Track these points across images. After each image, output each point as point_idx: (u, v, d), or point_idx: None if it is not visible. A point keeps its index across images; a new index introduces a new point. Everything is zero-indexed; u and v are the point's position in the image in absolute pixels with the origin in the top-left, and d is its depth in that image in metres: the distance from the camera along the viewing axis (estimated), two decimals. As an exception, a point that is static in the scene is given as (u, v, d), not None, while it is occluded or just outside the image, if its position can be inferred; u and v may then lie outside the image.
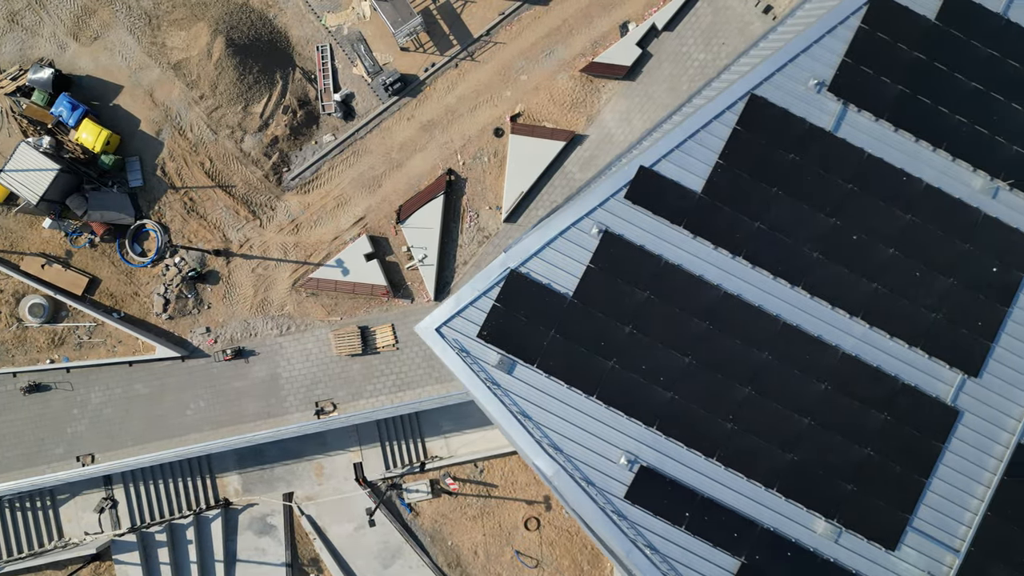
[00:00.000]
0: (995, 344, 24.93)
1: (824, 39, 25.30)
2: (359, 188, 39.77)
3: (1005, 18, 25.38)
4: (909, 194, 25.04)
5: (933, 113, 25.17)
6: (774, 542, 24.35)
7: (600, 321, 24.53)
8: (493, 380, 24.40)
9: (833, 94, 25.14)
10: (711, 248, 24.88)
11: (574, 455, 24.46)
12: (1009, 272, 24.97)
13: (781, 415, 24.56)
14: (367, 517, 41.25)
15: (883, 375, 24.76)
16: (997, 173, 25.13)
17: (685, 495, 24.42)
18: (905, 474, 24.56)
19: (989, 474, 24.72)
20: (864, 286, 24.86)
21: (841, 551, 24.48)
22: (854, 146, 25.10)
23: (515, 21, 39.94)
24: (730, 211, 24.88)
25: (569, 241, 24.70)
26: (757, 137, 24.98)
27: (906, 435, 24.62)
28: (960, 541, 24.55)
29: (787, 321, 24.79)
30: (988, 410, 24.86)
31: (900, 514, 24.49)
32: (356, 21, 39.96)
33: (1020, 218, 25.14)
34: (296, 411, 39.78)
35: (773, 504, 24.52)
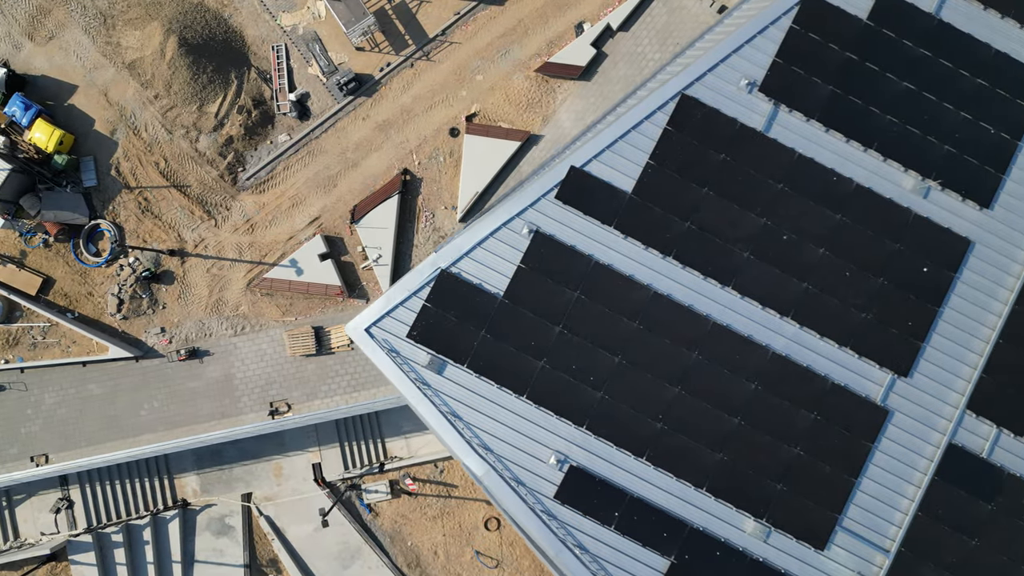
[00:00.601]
0: (926, 344, 25.00)
1: (755, 39, 25.36)
2: (314, 188, 39.75)
3: (937, 18, 25.46)
4: (840, 194, 25.11)
5: (864, 113, 25.23)
6: (703, 542, 24.39)
7: (530, 321, 24.55)
8: (423, 380, 24.40)
9: (764, 94, 25.19)
10: (641, 248, 24.92)
11: (504, 455, 24.47)
12: (940, 272, 25.04)
13: (711, 415, 24.61)
14: (323, 517, 41.39)
15: (813, 375, 24.82)
16: (928, 173, 25.21)
17: (615, 495, 24.45)
18: (834, 474, 24.63)
19: (920, 474, 24.79)
20: (794, 286, 24.92)
21: (770, 550, 24.53)
22: (785, 146, 25.16)
23: (471, 21, 39.97)
24: (660, 211, 24.91)
25: (500, 241, 24.71)
26: (688, 137, 25.03)
27: (836, 435, 24.68)
28: (890, 541, 24.62)
29: (717, 321, 24.84)
30: (918, 410, 24.93)
31: (829, 514, 24.56)
32: (311, 21, 39.94)
33: (951, 217, 25.23)
34: (250, 411, 39.74)
35: (702, 504, 24.56)
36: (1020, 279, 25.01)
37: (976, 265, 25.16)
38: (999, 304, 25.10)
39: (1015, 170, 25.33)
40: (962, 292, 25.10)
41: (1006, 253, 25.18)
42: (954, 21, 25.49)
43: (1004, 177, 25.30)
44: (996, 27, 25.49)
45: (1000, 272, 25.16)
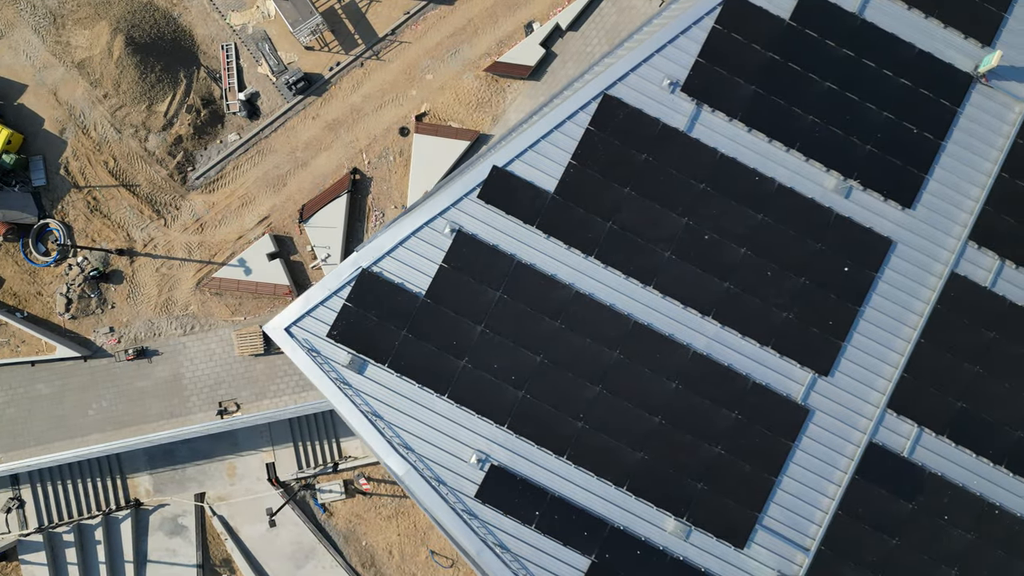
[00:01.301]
0: (847, 343, 25.09)
1: (678, 39, 25.40)
2: (264, 187, 39.72)
3: (861, 18, 25.52)
4: (762, 194, 25.18)
5: (787, 113, 25.30)
6: (624, 540, 24.45)
7: (452, 320, 24.57)
8: (344, 380, 24.41)
9: (687, 94, 25.24)
10: (564, 248, 24.95)
11: (425, 454, 24.49)
12: (861, 271, 25.13)
13: (632, 414, 24.67)
14: (279, 517, 41.34)
15: (734, 374, 24.90)
16: (850, 173, 25.30)
17: (536, 494, 24.49)
18: (755, 473, 24.71)
19: (840, 473, 24.88)
20: (716, 286, 24.99)
21: (691, 549, 24.60)
22: (707, 146, 25.22)
23: (420, 20, 39.99)
24: (583, 211, 24.96)
25: (422, 240, 24.73)
26: (610, 137, 25.07)
27: (756, 434, 24.76)
28: (811, 540, 24.71)
29: (638, 320, 24.90)
30: (839, 409, 25.02)
31: (750, 512, 24.64)
32: (261, 20, 39.91)
33: (872, 217, 25.32)
34: (199, 411, 39.69)
35: (623, 503, 24.61)
36: (942, 279, 25.11)
37: (898, 265, 25.25)
38: (921, 304, 25.20)
39: (938, 170, 25.43)
40: (883, 292, 25.19)
41: (928, 252, 25.28)
42: (878, 21, 25.57)
43: (926, 177, 25.39)
44: (920, 27, 25.58)
45: (922, 272, 25.26)
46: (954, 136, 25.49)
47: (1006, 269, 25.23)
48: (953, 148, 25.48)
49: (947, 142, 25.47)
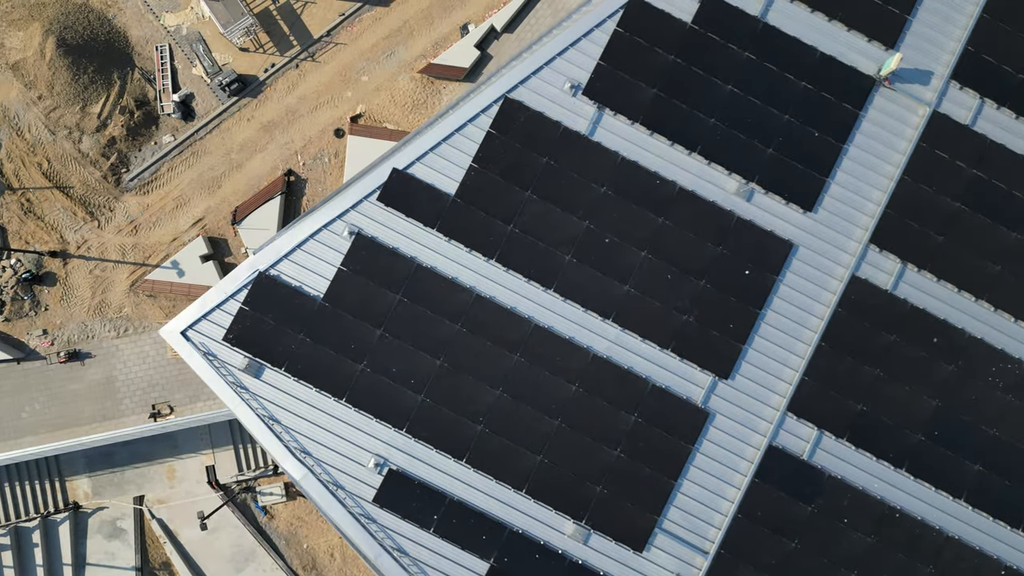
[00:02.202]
0: (747, 346, 25.04)
1: (580, 42, 25.31)
2: (198, 189, 39.49)
3: (763, 21, 25.45)
4: (663, 197, 25.11)
5: (688, 117, 25.24)
6: (523, 544, 24.35)
7: (351, 324, 24.44)
8: (240, 384, 24.26)
9: (588, 97, 25.15)
10: (465, 251, 24.84)
11: (323, 458, 24.36)
12: (762, 275, 25.10)
13: (531, 417, 24.58)
14: (219, 520, 41.13)
15: (634, 377, 24.83)
16: (752, 176, 25.26)
17: (434, 498, 24.38)
18: (654, 476, 24.65)
19: (740, 476, 24.84)
20: (616, 289, 24.92)
21: (590, 553, 24.52)
22: (609, 150, 25.13)
23: (356, 22, 39.81)
24: (484, 214, 24.85)
25: (320, 243, 24.59)
26: (511, 140, 24.97)
27: (656, 437, 24.71)
28: (710, 543, 24.65)
29: (539, 323, 24.80)
30: (740, 412, 24.97)
31: (649, 516, 24.58)
32: (195, 21, 39.69)
33: (774, 221, 25.28)
34: (132, 414, 39.44)
35: (522, 506, 24.51)
36: (843, 282, 25.11)
37: (799, 268, 25.22)
38: (821, 307, 25.18)
39: (839, 173, 25.41)
40: (784, 295, 25.16)
41: (829, 256, 25.26)
42: (780, 24, 25.51)
43: (828, 180, 25.36)
44: (823, 30, 25.53)
45: (823, 275, 25.24)
46: (856, 139, 25.48)
47: (907, 272, 25.22)
48: (855, 151, 25.46)
49: (849, 145, 25.46)
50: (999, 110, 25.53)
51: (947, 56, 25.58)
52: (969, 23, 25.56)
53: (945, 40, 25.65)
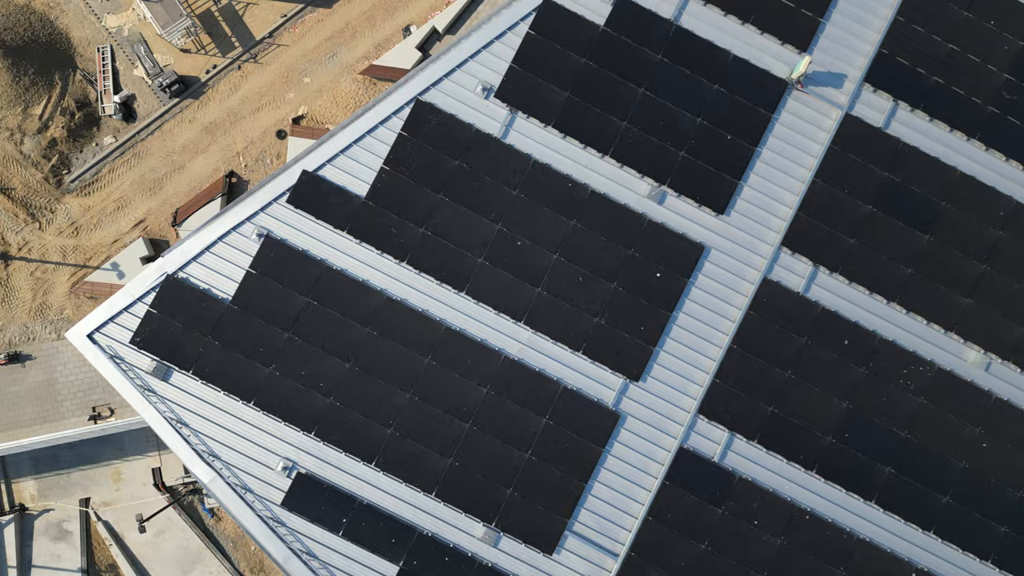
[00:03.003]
0: (658, 349, 24.95)
1: (493, 45, 25.17)
2: (140, 190, 39.21)
3: (676, 24, 25.35)
4: (575, 200, 24.98)
5: (601, 120, 25.10)
6: (432, 547, 24.21)
7: (259, 327, 24.24)
8: (148, 387, 24.06)
9: (501, 100, 25.02)
10: (376, 254, 24.67)
11: (232, 462, 24.16)
12: (673, 277, 25.00)
13: (442, 420, 24.42)
14: (165, 522, 40.85)
15: (546, 380, 24.69)
16: (664, 179, 25.16)
17: (343, 501, 24.20)
18: (565, 478, 24.53)
19: (651, 478, 24.72)
20: (528, 291, 24.78)
21: (500, 555, 24.38)
22: (521, 152, 24.98)
23: (298, 23, 39.60)
24: (395, 216, 24.69)
25: (229, 246, 24.37)
26: (423, 143, 24.80)
27: (567, 439, 24.58)
28: (621, 545, 24.55)
29: (451, 326, 24.64)
30: (651, 414, 24.86)
31: (559, 518, 24.44)
32: (137, 22, 39.39)
33: (686, 223, 25.18)
34: (73, 416, 39.15)
35: (432, 509, 24.35)
36: (755, 284, 25.04)
37: (711, 271, 25.12)
38: (734, 309, 25.09)
39: (752, 176, 25.31)
40: (696, 297, 25.07)
41: (741, 258, 25.17)
42: (693, 28, 25.38)
43: (740, 183, 25.28)
44: (736, 33, 25.42)
45: (735, 277, 25.15)
46: (769, 142, 25.40)
47: (819, 275, 25.16)
48: (768, 154, 25.38)
49: (762, 148, 25.37)
50: (913, 113, 25.49)
51: (861, 59, 25.53)
52: (883, 26, 25.52)
53: (859, 43, 25.60)
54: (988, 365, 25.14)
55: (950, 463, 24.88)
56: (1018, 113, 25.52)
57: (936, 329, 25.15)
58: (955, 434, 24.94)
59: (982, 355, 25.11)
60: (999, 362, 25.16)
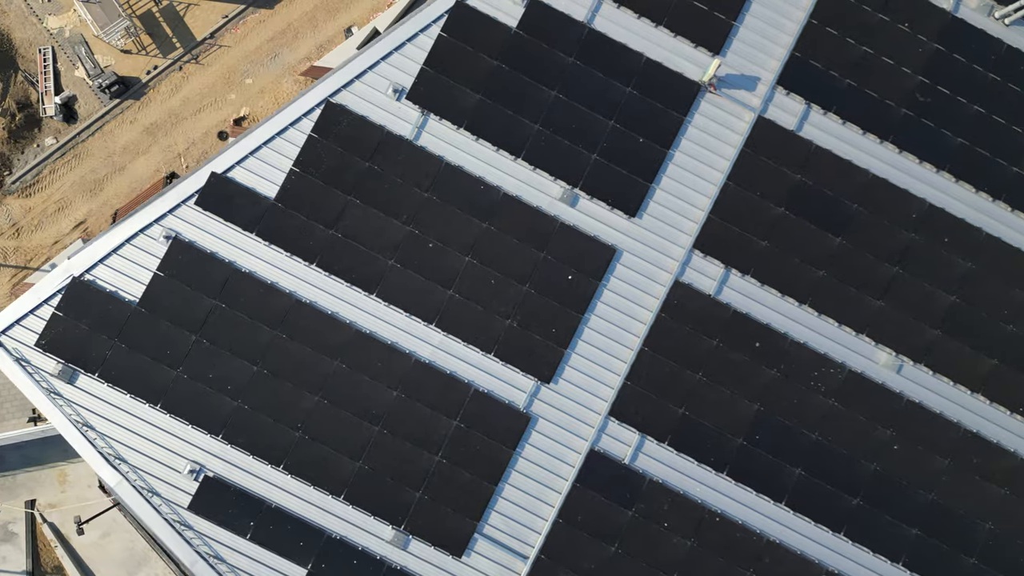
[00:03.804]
0: (570, 351, 24.78)
1: (405, 47, 24.94)
2: (81, 191, 38.91)
3: (589, 27, 25.15)
4: (487, 203, 24.78)
5: (514, 122, 24.90)
6: (341, 550, 23.98)
7: (166, 329, 23.96)
8: (54, 390, 23.77)
9: (412, 102, 24.81)
10: (285, 256, 24.42)
11: (138, 465, 23.89)
12: (585, 280, 24.83)
13: (351, 423, 24.20)
14: (111, 524, 40.52)
15: (456, 382, 24.49)
16: (576, 182, 24.99)
17: (251, 504, 23.95)
18: (475, 481, 24.33)
19: (561, 480, 24.54)
20: (439, 294, 24.58)
21: (410, 558, 24.16)
22: (433, 154, 24.77)
23: (240, 24, 39.36)
24: (304, 219, 24.44)
25: (136, 248, 24.08)
26: (333, 144, 24.56)
27: (477, 442, 24.37)
28: (530, 548, 24.38)
29: (360, 329, 24.42)
30: (563, 416, 24.68)
31: (469, 521, 24.24)
32: (78, 23, 39.06)
33: (598, 226, 24.97)
34: (14, 418, 38.86)
35: (341, 512, 24.12)
36: (666, 287, 24.91)
37: (623, 273, 24.94)
38: (645, 311, 24.91)
39: (664, 179, 25.15)
40: (608, 300, 24.89)
41: (653, 261, 24.99)
42: (607, 30, 25.18)
43: (652, 186, 25.11)
44: (649, 36, 25.22)
45: (647, 280, 24.97)
46: (682, 145, 25.23)
47: (731, 277, 25.04)
48: (681, 157, 25.22)
49: (674, 151, 25.21)
50: (826, 115, 25.37)
51: (774, 62, 25.38)
52: (796, 28, 25.40)
53: (772, 46, 25.46)
54: (900, 367, 25.07)
55: (861, 465, 24.79)
56: (932, 115, 25.45)
57: (848, 331, 25.06)
58: (866, 436, 24.85)
59: (893, 357, 25.04)
60: (911, 364, 25.09)
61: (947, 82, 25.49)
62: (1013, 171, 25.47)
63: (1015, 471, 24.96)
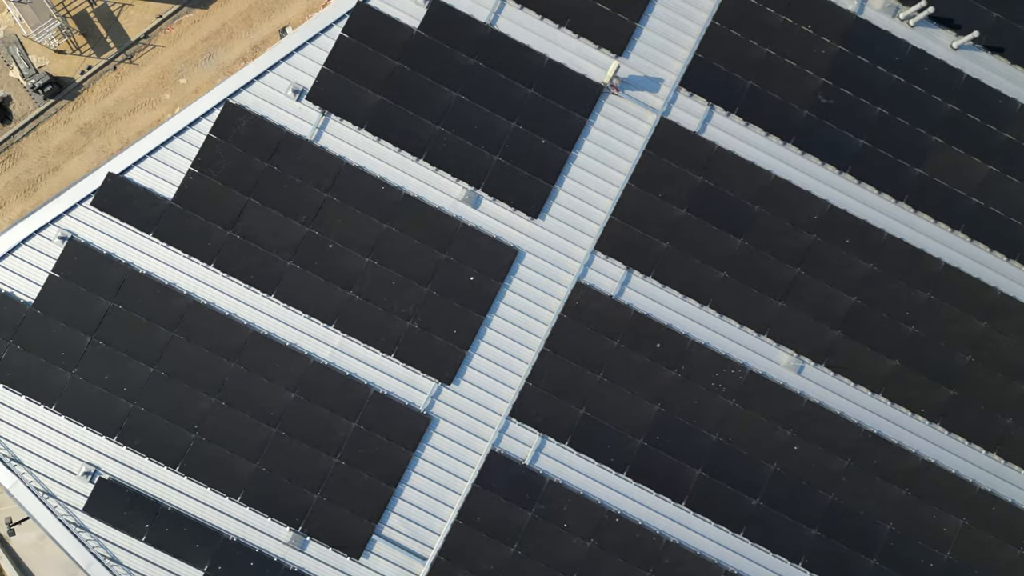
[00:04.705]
0: (472, 352, 24.53)
1: (306, 47, 24.64)
2: (14, 192, 38.43)
3: (492, 28, 24.91)
4: (388, 203, 24.52)
5: (415, 123, 24.62)
6: (238, 552, 23.67)
7: (62, 330, 23.59)
8: (-53, 391, 23.49)
9: (312, 103, 24.53)
10: (183, 256, 24.10)
11: (33, 466, 23.54)
12: (487, 281, 24.60)
13: (248, 424, 23.90)
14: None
15: (356, 383, 24.21)
16: (478, 183, 24.76)
17: (147, 506, 23.63)
18: (374, 482, 24.06)
19: (462, 482, 24.33)
20: (339, 295, 24.31)
21: (307, 560, 23.89)
22: (333, 155, 24.48)
23: (174, 24, 38.92)
24: (202, 219, 24.12)
25: (32, 249, 23.69)
26: (232, 145, 24.24)
27: (377, 443, 24.13)
28: (429, 549, 24.16)
29: (259, 330, 24.12)
30: (463, 418, 24.45)
31: (367, 523, 23.98)
32: (12, 24, 38.63)
33: (500, 227, 24.67)
34: (-55, 418, 38.46)
35: (238, 514, 23.80)
36: (568, 288, 24.69)
37: (525, 274, 24.71)
38: (547, 313, 24.67)
39: (567, 181, 24.90)
40: (510, 301, 24.65)
41: (555, 262, 24.76)
42: (509, 31, 24.90)
43: (555, 187, 24.87)
44: (552, 37, 24.93)
45: (549, 281, 24.76)
46: (585, 147, 25.02)
47: (633, 279, 24.85)
48: (583, 159, 25.00)
49: (577, 152, 24.98)
50: (728, 117, 25.22)
51: (677, 63, 25.21)
52: (700, 30, 25.23)
53: (675, 47, 25.27)
54: (801, 368, 24.94)
55: (761, 465, 24.66)
56: (835, 117, 25.32)
57: (749, 332, 24.92)
58: (766, 437, 24.72)
59: (795, 358, 24.91)
60: (812, 365, 24.97)
61: (850, 84, 25.38)
62: (916, 172, 25.39)
63: (916, 472, 24.88)
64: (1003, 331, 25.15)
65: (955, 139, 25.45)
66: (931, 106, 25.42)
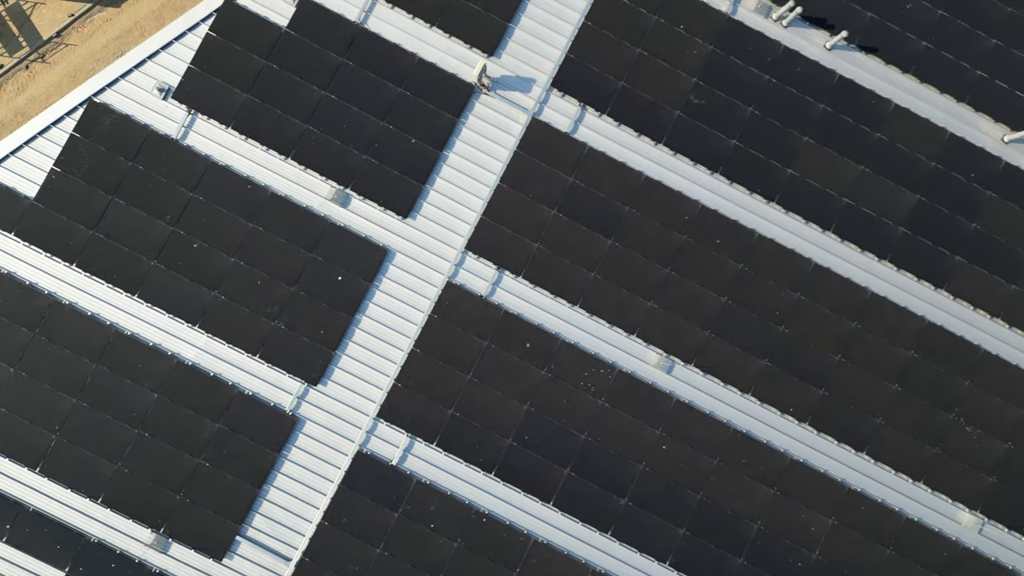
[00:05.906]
0: (339, 353, 24.13)
1: (172, 46, 24.20)
2: (-76, 190, 37.83)
3: (362, 27, 24.45)
4: (255, 202, 24.06)
5: (283, 122, 24.13)
6: (100, 553, 23.19)
7: (-81, 331, 23.17)
8: None
9: (179, 101, 24.05)
10: (44, 256, 23.60)
11: None
12: (355, 281, 24.20)
13: (110, 426, 23.40)
14: None
15: (221, 384, 23.77)
16: (347, 183, 24.35)
17: (7, 507, 23.06)
18: (238, 483, 23.64)
19: (328, 483, 23.95)
20: (204, 295, 23.84)
21: (171, 561, 23.42)
22: (200, 154, 24.01)
23: (86, 23, 38.28)
24: (65, 218, 23.61)
25: None
26: (96, 144, 23.75)
27: (241, 444, 23.69)
28: (295, 550, 23.76)
29: (121, 330, 23.60)
30: (330, 419, 24.06)
31: (231, 524, 23.55)
32: (-79, 20, 37.97)
33: (370, 227, 24.15)
34: None
35: (99, 515, 23.31)
36: (439, 288, 24.32)
37: (395, 274, 24.33)
38: (417, 313, 24.30)
39: (438, 180, 24.53)
40: (380, 301, 24.27)
41: (426, 262, 24.40)
42: (380, 30, 24.51)
43: (425, 187, 24.50)
44: (423, 36, 24.54)
45: (420, 281, 24.38)
46: (456, 147, 24.63)
47: (503, 279, 24.50)
48: (454, 159, 24.62)
49: (448, 152, 24.60)
50: (600, 117, 24.87)
51: (549, 64, 24.84)
52: (572, 30, 24.88)
53: (547, 47, 24.91)
54: (670, 368, 24.65)
55: (630, 465, 24.37)
56: (706, 118, 25.02)
57: (619, 332, 24.60)
58: (635, 436, 24.42)
59: (664, 357, 24.62)
60: (681, 365, 24.69)
61: (723, 84, 25.08)
62: (787, 173, 25.13)
63: (784, 471, 24.64)
64: (873, 331, 24.92)
65: (827, 139, 25.20)
66: (803, 106, 25.16)
